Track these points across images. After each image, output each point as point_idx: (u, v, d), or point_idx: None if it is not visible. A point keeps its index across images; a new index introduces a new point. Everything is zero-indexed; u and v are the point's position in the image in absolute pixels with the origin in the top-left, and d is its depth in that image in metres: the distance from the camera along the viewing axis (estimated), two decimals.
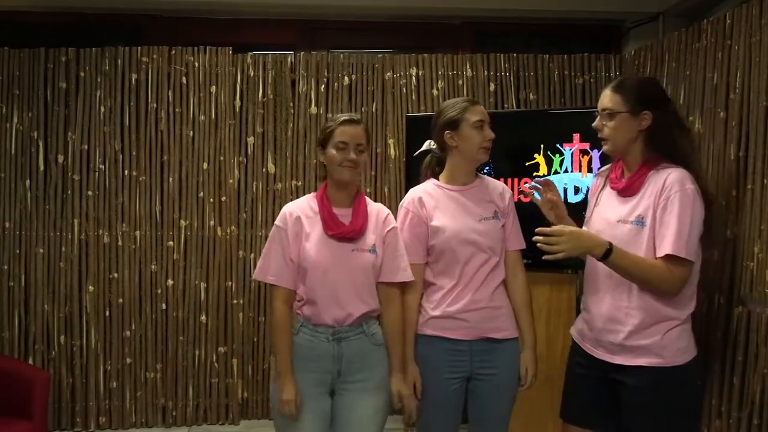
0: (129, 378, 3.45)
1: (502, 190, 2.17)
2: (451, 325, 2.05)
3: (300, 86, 3.54)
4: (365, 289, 1.98)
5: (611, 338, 1.90)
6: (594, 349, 1.97)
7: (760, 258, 2.36)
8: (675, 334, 1.86)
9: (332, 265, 1.95)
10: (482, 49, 3.66)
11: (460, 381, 2.07)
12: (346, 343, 1.96)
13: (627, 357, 1.88)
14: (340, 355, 1.95)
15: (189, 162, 3.48)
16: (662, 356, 1.84)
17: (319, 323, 1.96)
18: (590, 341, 1.98)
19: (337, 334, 1.95)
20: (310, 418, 1.93)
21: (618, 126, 1.90)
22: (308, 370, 1.95)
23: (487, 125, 2.08)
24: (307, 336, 1.96)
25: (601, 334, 1.93)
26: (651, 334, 1.85)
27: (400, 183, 3.48)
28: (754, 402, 2.33)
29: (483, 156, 2.09)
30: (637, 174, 1.91)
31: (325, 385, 1.97)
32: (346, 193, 2.02)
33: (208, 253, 3.49)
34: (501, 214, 2.12)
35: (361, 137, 1.98)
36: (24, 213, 3.40)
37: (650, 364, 1.84)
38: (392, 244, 2.03)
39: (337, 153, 1.96)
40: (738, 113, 2.53)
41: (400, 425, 3.44)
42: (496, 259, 2.09)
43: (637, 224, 1.87)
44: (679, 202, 1.81)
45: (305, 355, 1.96)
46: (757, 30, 2.45)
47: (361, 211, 2.01)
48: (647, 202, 1.87)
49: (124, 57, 3.44)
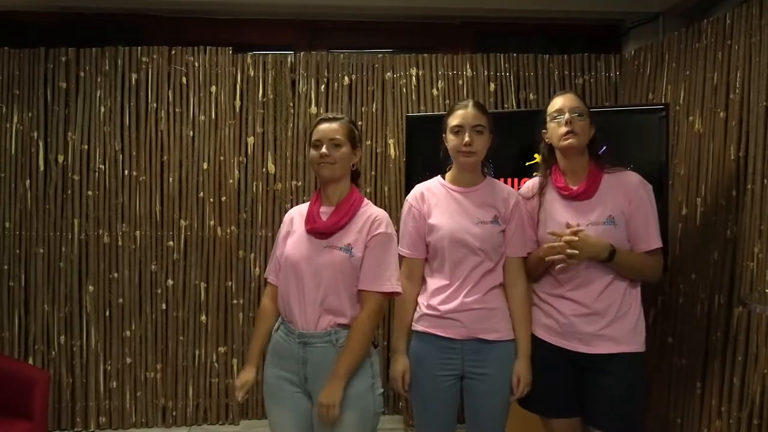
0: (129, 378, 3.46)
1: (508, 195, 2.12)
2: (443, 324, 2.06)
3: (300, 86, 3.54)
4: (338, 295, 1.91)
5: (589, 329, 2.01)
6: (567, 342, 2.06)
7: (760, 258, 2.36)
8: (641, 321, 2.05)
9: (302, 259, 1.94)
10: (482, 49, 3.66)
11: (453, 379, 2.07)
12: (311, 349, 1.91)
13: (604, 345, 2.00)
14: (305, 359, 1.92)
15: (189, 162, 3.48)
16: (634, 343, 2.02)
17: (291, 322, 1.96)
18: (563, 336, 2.07)
19: (304, 338, 1.92)
20: (288, 415, 1.95)
21: (584, 126, 2.06)
22: (281, 368, 1.97)
23: (469, 130, 2.04)
24: (282, 334, 1.98)
25: (579, 326, 2.03)
26: (624, 323, 2.01)
27: (400, 183, 3.48)
28: (754, 402, 2.34)
29: (462, 160, 2.08)
30: (591, 177, 2.06)
31: (297, 385, 1.95)
32: (333, 191, 2.00)
33: (208, 253, 3.50)
34: (502, 219, 2.09)
35: (335, 132, 1.97)
36: (24, 213, 3.40)
37: (625, 351, 2.00)
38: (375, 250, 1.94)
39: (314, 151, 1.99)
40: (738, 113, 2.53)
41: (400, 425, 3.44)
42: (491, 264, 2.07)
43: (609, 224, 2.02)
44: (649, 200, 2.04)
45: (279, 352, 1.98)
46: (757, 30, 2.46)
47: (344, 208, 1.97)
48: (613, 203, 2.03)
49: (124, 57, 3.45)
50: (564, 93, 2.13)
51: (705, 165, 2.72)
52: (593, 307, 2.02)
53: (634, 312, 2.04)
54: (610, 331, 2.00)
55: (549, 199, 2.12)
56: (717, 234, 2.60)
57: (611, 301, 2.02)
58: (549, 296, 2.12)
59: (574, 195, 2.06)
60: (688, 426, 2.70)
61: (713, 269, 2.60)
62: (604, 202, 2.04)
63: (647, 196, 2.04)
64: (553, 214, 2.09)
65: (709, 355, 2.60)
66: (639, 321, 2.05)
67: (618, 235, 2.01)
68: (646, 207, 2.03)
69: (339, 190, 2.01)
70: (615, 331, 2.00)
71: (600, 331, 2.01)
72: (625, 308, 2.02)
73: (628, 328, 2.01)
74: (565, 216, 2.06)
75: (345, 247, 1.92)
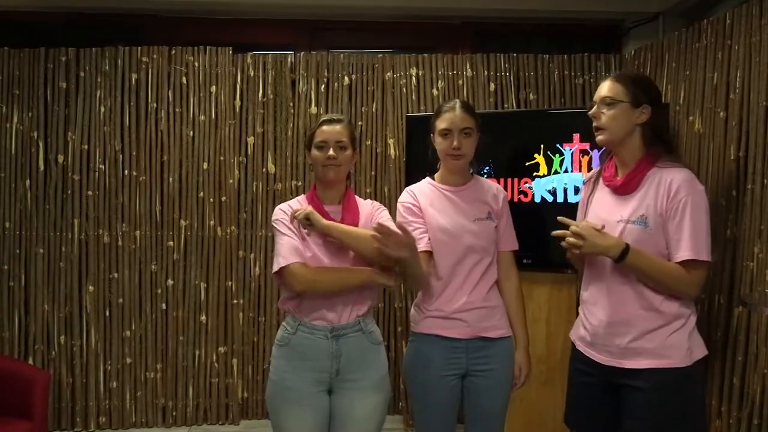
0: (129, 378, 3.46)
1: (496, 191, 2.18)
2: (448, 324, 2.07)
3: (300, 86, 3.54)
4: (361, 287, 1.97)
5: (617, 342, 1.85)
6: (598, 354, 1.91)
7: (760, 258, 2.36)
8: (680, 335, 1.82)
9: (326, 258, 1.95)
10: (482, 49, 3.66)
11: (457, 378, 2.08)
12: (344, 341, 1.95)
13: (634, 360, 1.83)
14: (338, 353, 1.94)
15: (189, 162, 3.48)
16: (669, 357, 1.80)
17: (316, 320, 1.95)
18: (593, 347, 1.93)
19: (335, 331, 1.94)
20: (311, 415, 1.93)
21: (617, 115, 1.87)
22: (306, 369, 1.94)
23: (458, 133, 2.04)
24: (305, 334, 1.95)
25: (606, 339, 1.88)
26: (657, 336, 1.82)
27: (400, 183, 3.48)
28: (754, 402, 2.33)
29: (451, 163, 2.09)
30: (636, 170, 1.87)
31: (324, 383, 1.96)
32: (334, 192, 2.04)
33: (208, 253, 3.49)
34: (494, 215, 2.14)
35: (340, 135, 2.00)
36: (24, 213, 3.40)
37: (658, 366, 1.80)
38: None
39: (318, 153, 2.00)
40: (738, 113, 2.53)
41: (400, 425, 3.44)
42: (488, 260, 2.10)
43: (639, 224, 1.83)
44: (692, 204, 1.78)
45: (303, 353, 1.95)
46: (757, 30, 2.45)
47: (352, 205, 2.03)
48: (650, 201, 1.83)
49: (124, 57, 3.45)
50: (605, 79, 1.96)
51: (705, 165, 2.71)
52: (620, 317, 1.85)
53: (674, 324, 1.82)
54: (643, 342, 1.82)
55: (599, 188, 2.00)
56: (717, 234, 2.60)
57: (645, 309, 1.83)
58: (583, 303, 2.01)
59: (615, 187, 1.91)
60: None
61: (713, 269, 2.60)
62: (642, 199, 1.84)
63: (691, 199, 1.78)
64: (595, 205, 2.00)
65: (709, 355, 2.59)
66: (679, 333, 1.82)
67: (648, 237, 1.81)
68: (687, 210, 1.77)
69: (340, 191, 2.05)
70: (649, 343, 1.82)
71: (630, 344, 1.83)
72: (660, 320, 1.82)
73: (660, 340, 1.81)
74: (603, 208, 1.94)
75: None
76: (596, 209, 1.98)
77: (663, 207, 1.81)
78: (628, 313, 1.85)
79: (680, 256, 1.78)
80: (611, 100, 1.88)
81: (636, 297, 1.84)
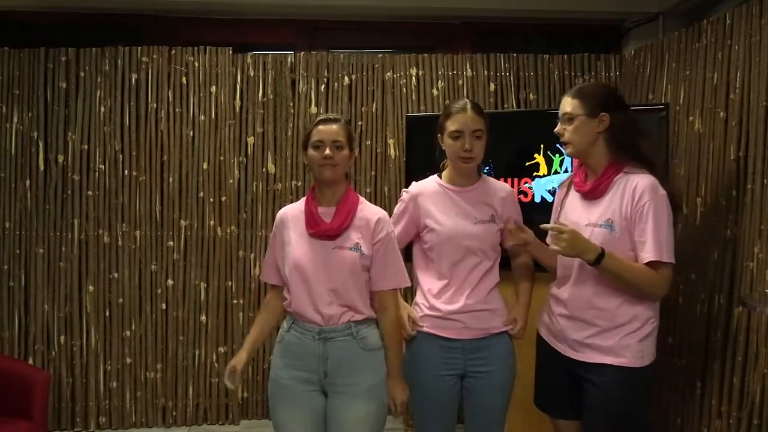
0: (129, 378, 3.46)
1: (505, 195, 2.16)
2: (444, 324, 2.07)
3: (300, 86, 3.54)
4: (350, 292, 1.94)
5: (575, 336, 1.98)
6: (559, 344, 2.05)
7: (760, 258, 2.36)
8: (633, 338, 1.92)
9: (311, 262, 1.94)
10: (482, 49, 3.66)
11: (455, 378, 2.08)
12: (332, 344, 1.93)
13: (590, 354, 1.95)
14: (325, 355, 1.93)
15: (189, 162, 3.48)
16: (623, 356, 1.91)
17: (307, 321, 1.95)
18: (555, 337, 2.06)
19: (323, 333, 1.93)
20: (302, 413, 1.94)
21: (578, 128, 1.98)
22: (295, 368, 1.95)
23: (469, 135, 2.03)
24: (296, 333, 1.96)
25: (566, 332, 2.01)
26: (612, 335, 1.92)
27: (400, 183, 3.47)
28: (754, 402, 2.33)
29: (460, 165, 2.08)
30: (603, 176, 1.97)
31: (314, 384, 1.95)
32: (332, 192, 2.00)
33: (208, 253, 3.49)
34: (498, 218, 2.12)
35: (337, 134, 1.97)
36: (24, 213, 3.40)
37: (612, 363, 1.91)
38: (385, 251, 1.98)
39: (314, 152, 1.98)
40: (738, 113, 2.53)
41: (400, 425, 3.44)
42: (489, 263, 2.10)
43: (606, 228, 1.93)
44: (654, 209, 1.87)
45: (293, 352, 1.96)
46: (757, 30, 2.45)
47: (345, 209, 1.98)
48: (616, 206, 1.93)
49: (124, 57, 3.44)
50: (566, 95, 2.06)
51: (705, 165, 2.71)
52: (581, 314, 1.97)
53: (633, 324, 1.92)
54: (599, 340, 1.93)
55: (572, 192, 2.11)
56: (717, 234, 2.60)
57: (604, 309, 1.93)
58: (550, 296, 2.13)
59: (583, 192, 2.02)
60: (688, 426, 2.70)
61: (713, 269, 2.60)
62: (609, 204, 1.95)
63: (651, 204, 1.87)
64: (567, 208, 2.10)
65: (709, 355, 2.59)
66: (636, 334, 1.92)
67: (614, 240, 1.90)
68: (650, 215, 1.86)
69: (337, 191, 2.01)
70: (604, 341, 1.92)
71: (587, 339, 1.95)
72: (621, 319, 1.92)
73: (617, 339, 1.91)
74: (574, 212, 2.04)
75: (354, 247, 1.95)
76: (568, 213, 2.08)
77: (628, 211, 1.91)
78: (588, 312, 1.96)
79: (645, 258, 1.87)
80: (570, 116, 1.99)
81: (597, 298, 1.95)
